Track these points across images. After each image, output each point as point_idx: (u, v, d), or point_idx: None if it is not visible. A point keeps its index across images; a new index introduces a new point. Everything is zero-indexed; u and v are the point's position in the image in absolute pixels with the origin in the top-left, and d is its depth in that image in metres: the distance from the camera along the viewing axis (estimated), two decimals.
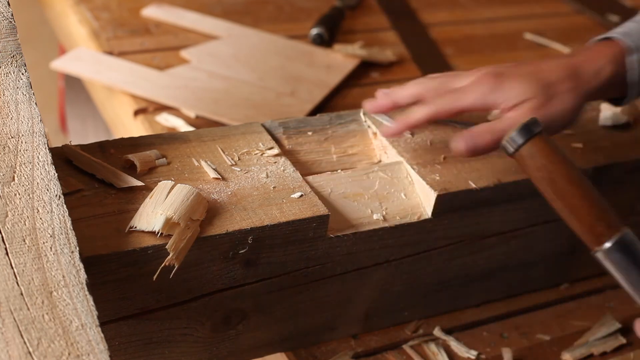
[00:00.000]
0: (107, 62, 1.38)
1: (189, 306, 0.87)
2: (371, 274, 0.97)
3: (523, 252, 1.07)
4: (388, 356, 1.00)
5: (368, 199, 0.95)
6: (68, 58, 1.39)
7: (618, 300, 1.14)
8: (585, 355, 1.03)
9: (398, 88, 0.95)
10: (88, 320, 0.67)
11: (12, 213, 0.73)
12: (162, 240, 0.80)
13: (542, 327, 1.08)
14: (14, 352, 0.64)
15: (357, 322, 1.01)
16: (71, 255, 0.71)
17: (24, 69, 0.85)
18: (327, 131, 1.03)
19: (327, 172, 0.97)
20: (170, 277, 0.80)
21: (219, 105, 1.29)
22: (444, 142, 1.02)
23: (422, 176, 0.96)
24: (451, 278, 1.04)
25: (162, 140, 0.94)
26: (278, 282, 0.91)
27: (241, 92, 1.33)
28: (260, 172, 0.92)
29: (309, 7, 1.66)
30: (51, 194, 0.75)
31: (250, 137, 0.97)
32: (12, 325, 0.66)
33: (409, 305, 1.03)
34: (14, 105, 0.82)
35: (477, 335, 1.05)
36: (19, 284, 0.68)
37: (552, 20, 1.77)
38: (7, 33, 0.86)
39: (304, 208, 0.88)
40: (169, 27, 1.52)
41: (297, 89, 1.06)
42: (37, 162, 0.78)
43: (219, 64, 1.40)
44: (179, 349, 0.89)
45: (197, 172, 0.90)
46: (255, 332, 0.94)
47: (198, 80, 1.35)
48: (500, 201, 0.99)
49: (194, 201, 0.82)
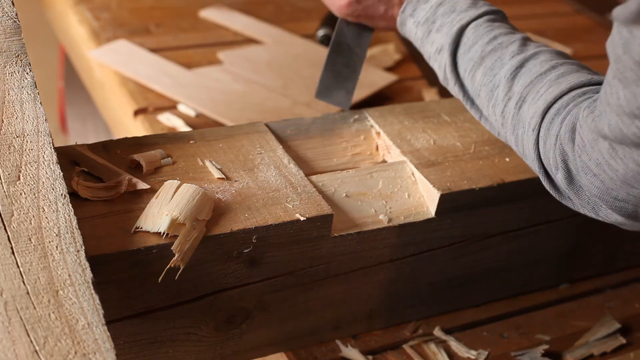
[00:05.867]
0: (140, 55, 1.40)
1: (193, 305, 0.87)
2: (375, 273, 0.97)
3: (526, 251, 1.07)
4: (388, 356, 1.00)
5: (372, 198, 0.95)
6: (105, 49, 1.41)
7: (618, 300, 1.15)
8: (586, 356, 1.03)
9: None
10: (94, 319, 0.67)
11: (17, 212, 0.73)
12: (168, 240, 0.80)
13: (542, 327, 1.08)
14: (21, 351, 0.64)
15: (361, 322, 1.01)
16: (77, 254, 0.71)
17: (29, 68, 0.85)
18: (330, 131, 1.03)
19: (330, 171, 0.97)
20: (176, 278, 0.80)
21: (228, 107, 1.29)
22: (447, 142, 1.02)
23: (425, 176, 0.96)
24: (455, 277, 1.04)
25: (166, 139, 0.94)
26: (282, 281, 0.91)
27: (256, 97, 1.33)
28: (264, 172, 0.92)
29: (309, 7, 1.67)
30: (57, 193, 0.75)
31: (254, 136, 0.97)
32: (19, 324, 0.66)
33: (413, 304, 1.03)
34: (19, 104, 0.82)
35: (477, 335, 1.05)
36: (25, 283, 0.68)
37: (552, 20, 1.77)
38: (12, 32, 0.86)
39: (307, 207, 0.88)
40: (169, 28, 1.52)
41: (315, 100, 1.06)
42: (43, 161, 0.78)
43: (248, 68, 1.40)
44: (183, 348, 0.89)
45: (201, 172, 0.90)
46: (259, 331, 0.94)
47: (220, 82, 1.36)
48: (503, 201, 0.99)
49: (199, 201, 0.82)
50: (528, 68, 0.87)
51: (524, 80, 0.87)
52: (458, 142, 1.03)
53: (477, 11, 0.94)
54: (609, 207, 0.78)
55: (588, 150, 0.77)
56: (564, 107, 0.82)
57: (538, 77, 0.86)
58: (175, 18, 1.57)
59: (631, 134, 0.71)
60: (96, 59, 1.40)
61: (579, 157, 0.79)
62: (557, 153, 0.81)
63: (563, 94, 0.83)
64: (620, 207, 0.78)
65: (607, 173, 0.76)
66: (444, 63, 0.95)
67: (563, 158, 0.80)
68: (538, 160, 0.84)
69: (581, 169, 0.79)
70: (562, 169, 0.81)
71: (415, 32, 0.99)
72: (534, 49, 0.90)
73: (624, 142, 0.73)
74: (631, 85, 0.70)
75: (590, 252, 1.15)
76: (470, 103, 0.94)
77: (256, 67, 1.41)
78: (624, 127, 0.72)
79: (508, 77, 0.88)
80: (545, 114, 0.83)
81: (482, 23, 0.93)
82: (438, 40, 0.96)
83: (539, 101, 0.84)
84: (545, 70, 0.86)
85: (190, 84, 1.34)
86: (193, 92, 1.32)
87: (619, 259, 1.19)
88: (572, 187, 0.81)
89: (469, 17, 0.94)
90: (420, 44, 0.99)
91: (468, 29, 0.94)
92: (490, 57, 0.90)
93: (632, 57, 0.69)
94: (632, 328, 1.09)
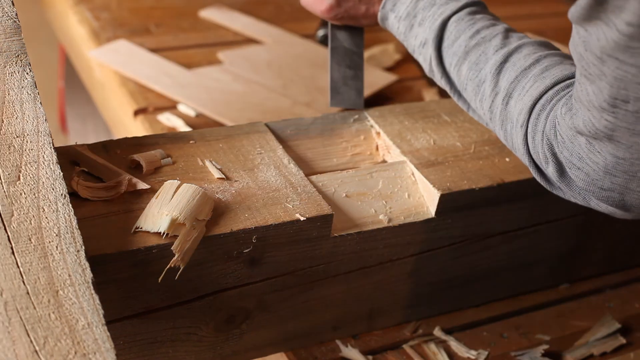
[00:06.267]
0: (140, 55, 1.40)
1: (193, 305, 0.87)
2: (375, 273, 0.97)
3: (526, 251, 1.07)
4: (388, 356, 1.00)
5: (372, 198, 0.95)
6: (105, 49, 1.41)
7: (618, 300, 1.15)
8: (586, 356, 1.03)
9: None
10: (94, 319, 0.67)
11: (17, 212, 0.73)
12: (168, 240, 0.80)
13: (542, 327, 1.08)
14: (21, 351, 0.64)
15: (361, 322, 1.01)
16: (77, 254, 0.71)
17: (29, 68, 0.85)
18: (330, 131, 1.03)
19: (330, 171, 0.97)
20: (176, 278, 0.80)
21: (228, 107, 1.29)
22: (447, 142, 1.02)
23: (425, 176, 0.96)
24: (455, 277, 1.04)
25: (166, 139, 0.94)
26: (282, 281, 0.91)
27: (256, 97, 1.33)
28: (264, 172, 0.92)
29: None
30: (56, 193, 0.75)
31: (254, 136, 0.97)
32: (19, 324, 0.65)
33: (413, 304, 1.03)
34: (19, 104, 0.82)
35: (477, 335, 1.05)
36: (25, 283, 0.68)
37: (552, 20, 1.77)
38: (12, 32, 0.86)
39: (307, 207, 0.88)
40: (169, 28, 1.53)
41: (315, 99, 1.06)
42: (43, 161, 0.78)
43: (248, 68, 1.40)
44: (183, 348, 0.89)
45: (201, 172, 0.90)
46: (259, 331, 0.94)
47: (220, 82, 1.36)
48: (503, 201, 0.99)
49: (199, 201, 0.82)
50: (512, 62, 0.88)
51: (509, 76, 0.88)
52: (458, 142, 1.03)
53: (457, 3, 0.95)
54: (597, 198, 0.80)
55: (568, 145, 0.79)
56: (549, 102, 0.83)
57: (523, 72, 0.87)
58: (175, 18, 1.57)
59: (603, 127, 0.74)
60: (96, 59, 1.40)
61: (561, 152, 0.81)
62: (546, 148, 0.82)
63: (548, 89, 0.84)
64: (607, 197, 0.79)
65: (589, 166, 0.78)
66: (429, 57, 0.96)
67: (552, 152, 0.82)
68: (528, 155, 0.86)
69: (565, 164, 0.81)
70: (553, 162, 0.82)
71: (397, 26, 1.01)
72: (517, 41, 0.91)
73: (597, 136, 0.75)
74: (596, 80, 0.72)
75: (590, 252, 1.15)
76: (458, 95, 0.96)
77: (256, 67, 1.41)
78: (595, 121, 0.74)
79: (493, 72, 0.89)
80: (531, 110, 0.84)
81: (463, 16, 0.94)
82: (421, 34, 0.97)
83: (525, 97, 0.85)
84: (529, 64, 0.87)
85: (190, 84, 1.34)
86: (193, 92, 1.32)
87: (619, 259, 1.19)
88: (563, 179, 0.82)
89: (450, 10, 0.95)
90: (403, 37, 1.01)
91: (450, 23, 0.95)
92: (474, 52, 0.92)
93: (593, 52, 0.71)
94: (632, 328, 1.09)
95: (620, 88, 0.70)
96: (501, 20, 0.97)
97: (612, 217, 0.83)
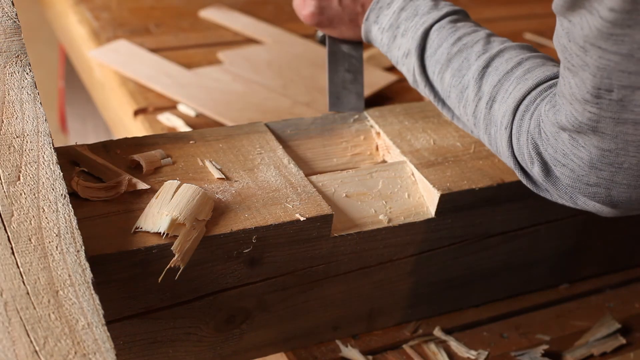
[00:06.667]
0: (140, 55, 1.40)
1: (193, 305, 0.87)
2: (375, 273, 0.97)
3: (525, 251, 1.07)
4: (388, 356, 1.00)
5: (372, 198, 0.95)
6: (105, 49, 1.41)
7: (618, 300, 1.15)
8: (586, 356, 1.03)
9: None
10: (94, 319, 0.67)
11: (17, 212, 0.73)
12: (168, 240, 0.80)
13: (542, 327, 1.08)
14: (21, 352, 0.64)
15: (361, 322, 1.01)
16: (77, 255, 0.71)
17: (29, 68, 0.85)
18: (330, 131, 1.03)
19: (330, 171, 0.97)
20: (176, 278, 0.80)
21: (228, 107, 1.29)
22: (447, 142, 1.02)
23: (425, 176, 0.96)
24: (455, 277, 1.04)
25: (166, 139, 0.94)
26: (282, 281, 0.91)
27: (256, 97, 1.33)
28: (264, 172, 0.92)
29: None
30: (56, 193, 0.75)
31: (254, 136, 0.97)
32: (19, 324, 0.65)
33: (413, 304, 1.03)
34: (19, 104, 0.82)
35: (477, 335, 1.05)
36: (25, 283, 0.68)
37: (552, 20, 1.74)
38: (12, 33, 0.86)
39: (307, 208, 0.88)
40: (169, 28, 1.53)
41: (315, 99, 1.06)
42: (43, 161, 0.78)
43: (248, 68, 1.40)
44: (183, 348, 0.89)
45: (201, 172, 0.90)
46: (259, 331, 0.94)
47: (220, 82, 1.36)
48: (503, 200, 0.99)
49: (199, 201, 0.82)
50: (495, 67, 0.89)
51: (492, 80, 0.88)
52: (458, 142, 1.03)
53: (439, 13, 0.96)
54: (583, 195, 0.80)
55: (552, 143, 0.80)
56: (532, 103, 0.84)
57: (505, 76, 0.87)
58: (175, 18, 1.57)
59: (586, 120, 0.74)
60: (96, 59, 1.40)
61: (545, 150, 0.81)
62: (531, 147, 0.83)
63: (531, 90, 0.84)
64: (594, 193, 0.79)
65: (574, 162, 0.78)
66: (412, 67, 0.97)
67: (537, 151, 0.82)
68: (512, 157, 0.86)
69: (550, 162, 0.81)
70: (538, 162, 0.82)
71: (380, 38, 1.01)
72: (498, 46, 0.91)
73: (581, 130, 0.75)
74: (579, 71, 0.72)
75: (590, 252, 1.15)
76: (442, 104, 0.96)
77: (256, 67, 1.41)
78: (578, 114, 0.74)
79: (476, 77, 0.89)
80: (515, 111, 0.85)
81: (444, 25, 0.95)
82: (404, 45, 0.97)
83: (508, 99, 0.86)
84: (511, 67, 0.88)
85: (190, 84, 1.34)
86: (193, 92, 1.32)
87: (619, 259, 1.19)
88: (549, 179, 0.82)
89: (432, 19, 0.96)
90: (386, 49, 1.01)
91: (432, 32, 0.95)
92: (456, 59, 0.92)
93: (576, 42, 0.72)
94: (632, 328, 1.09)
95: (603, 77, 0.71)
96: (493, 24, 0.98)
97: (612, 217, 0.83)
